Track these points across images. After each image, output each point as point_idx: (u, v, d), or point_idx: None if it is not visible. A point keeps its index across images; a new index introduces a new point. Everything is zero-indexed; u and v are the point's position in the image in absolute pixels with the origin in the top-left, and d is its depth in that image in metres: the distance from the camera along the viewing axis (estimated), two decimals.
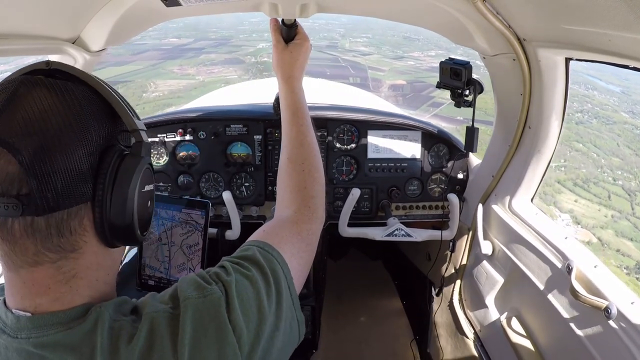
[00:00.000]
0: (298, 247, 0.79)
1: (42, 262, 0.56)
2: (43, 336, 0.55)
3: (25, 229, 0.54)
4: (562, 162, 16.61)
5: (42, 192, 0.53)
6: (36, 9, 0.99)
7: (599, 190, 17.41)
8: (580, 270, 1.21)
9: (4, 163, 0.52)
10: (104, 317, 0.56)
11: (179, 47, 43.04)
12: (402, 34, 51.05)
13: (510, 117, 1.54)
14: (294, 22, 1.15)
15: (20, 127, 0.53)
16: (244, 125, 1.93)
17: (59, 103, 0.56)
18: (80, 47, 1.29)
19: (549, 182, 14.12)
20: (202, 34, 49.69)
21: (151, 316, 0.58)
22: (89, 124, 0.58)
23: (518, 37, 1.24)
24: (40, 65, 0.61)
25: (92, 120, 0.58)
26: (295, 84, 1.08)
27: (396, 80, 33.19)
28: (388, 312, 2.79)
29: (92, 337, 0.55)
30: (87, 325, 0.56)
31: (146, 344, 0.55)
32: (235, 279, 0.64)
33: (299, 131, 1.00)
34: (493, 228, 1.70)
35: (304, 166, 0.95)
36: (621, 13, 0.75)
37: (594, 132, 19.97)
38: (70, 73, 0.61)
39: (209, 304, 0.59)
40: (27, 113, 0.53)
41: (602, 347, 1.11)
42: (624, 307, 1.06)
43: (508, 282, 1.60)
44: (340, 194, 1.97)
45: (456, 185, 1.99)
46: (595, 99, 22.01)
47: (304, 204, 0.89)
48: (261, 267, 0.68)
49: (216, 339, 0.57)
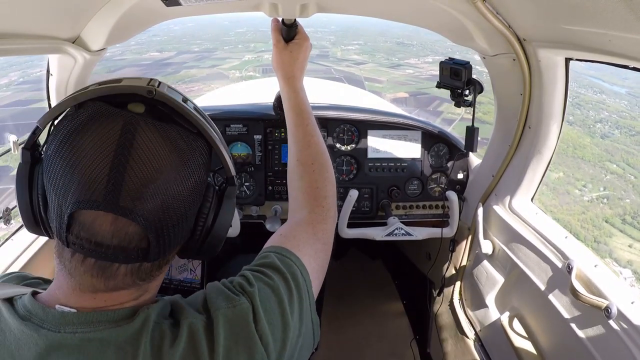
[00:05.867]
0: (315, 248, 0.80)
1: (128, 287, 0.58)
2: (91, 332, 0.54)
3: (131, 271, 0.56)
4: (602, 192, 13.02)
5: (159, 245, 0.55)
6: (36, 8, 0.99)
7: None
8: (581, 270, 1.21)
9: (123, 224, 0.53)
10: (151, 319, 0.57)
11: (159, 61, 40.92)
12: (395, 40, 49.79)
13: (510, 117, 1.54)
14: (294, 22, 1.15)
15: (138, 190, 0.52)
16: (244, 125, 1.92)
17: (171, 154, 0.55)
18: (80, 46, 1.29)
19: (597, 223, 11.21)
20: (185, 47, 47.75)
21: (189, 322, 0.58)
22: (197, 174, 0.59)
23: (518, 37, 1.24)
24: (140, 91, 0.56)
25: (200, 169, 0.60)
26: (297, 84, 1.08)
27: (397, 93, 31.42)
28: (388, 312, 2.79)
29: (138, 337, 0.55)
30: (136, 325, 0.56)
31: (187, 349, 0.56)
32: (258, 288, 0.64)
33: (305, 132, 1.00)
34: (493, 228, 1.70)
35: (314, 166, 0.95)
36: (621, 13, 0.75)
37: (622, 146, 16.88)
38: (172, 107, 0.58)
39: (238, 314, 0.60)
40: (144, 172, 0.53)
41: (602, 347, 1.11)
42: (624, 306, 1.06)
43: (508, 281, 1.60)
44: (340, 193, 1.97)
45: (456, 185, 1.99)
46: (607, 104, 20.30)
47: (317, 203, 0.89)
48: (282, 273, 0.69)
49: (245, 348, 0.58)
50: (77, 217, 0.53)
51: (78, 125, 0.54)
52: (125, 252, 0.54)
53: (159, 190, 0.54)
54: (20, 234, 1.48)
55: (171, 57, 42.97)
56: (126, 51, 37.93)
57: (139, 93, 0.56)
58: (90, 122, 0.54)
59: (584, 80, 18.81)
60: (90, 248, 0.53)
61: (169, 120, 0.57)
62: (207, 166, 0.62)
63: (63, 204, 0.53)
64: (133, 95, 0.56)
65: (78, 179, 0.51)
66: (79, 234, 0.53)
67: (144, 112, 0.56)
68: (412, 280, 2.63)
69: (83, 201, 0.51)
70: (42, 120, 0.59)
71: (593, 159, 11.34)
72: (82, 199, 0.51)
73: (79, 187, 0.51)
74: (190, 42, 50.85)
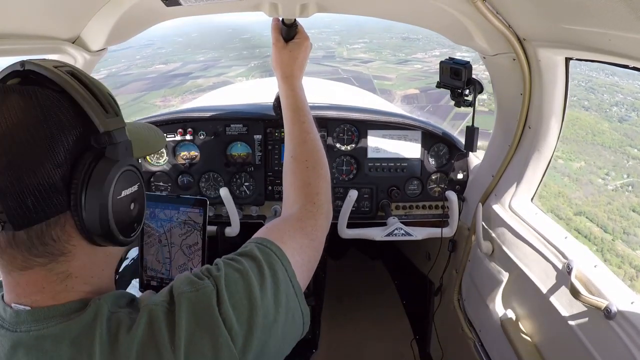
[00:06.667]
0: (301, 243, 0.79)
1: (31, 266, 0.57)
2: (43, 328, 0.55)
3: (9, 242, 0.55)
4: (625, 179, 11.48)
5: (15, 210, 0.53)
6: (36, 8, 0.99)
7: None
8: (580, 270, 1.21)
9: None
10: (103, 309, 0.57)
11: (164, 74, 39.83)
12: (400, 35, 48.95)
13: (510, 117, 1.54)
14: (294, 22, 1.15)
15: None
16: (244, 125, 1.93)
17: (25, 115, 0.54)
18: (80, 46, 1.29)
19: (624, 212, 9.78)
20: (190, 57, 46.99)
21: (149, 308, 0.58)
22: (55, 135, 0.55)
23: (518, 37, 1.24)
24: (15, 67, 0.58)
25: (58, 129, 0.55)
26: (295, 83, 1.08)
27: (407, 89, 30.55)
28: (388, 312, 2.79)
29: (91, 329, 0.55)
30: (87, 317, 0.56)
31: (145, 334, 0.56)
32: (225, 272, 0.64)
33: (300, 129, 1.00)
34: (493, 228, 1.70)
35: (308, 163, 0.95)
36: (621, 13, 0.75)
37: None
38: (42, 74, 0.57)
39: (201, 297, 0.60)
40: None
41: (602, 347, 1.11)
42: (624, 306, 1.06)
43: (508, 281, 1.60)
44: (340, 193, 1.97)
45: (456, 185, 1.99)
46: (621, 86, 19.00)
47: (309, 200, 0.90)
48: (255, 259, 0.68)
49: (209, 331, 0.58)
50: None
51: None
52: None
53: (8, 152, 0.52)
54: None
55: (177, 69, 42.44)
56: (132, 65, 37.65)
57: (14, 69, 0.58)
58: None
59: (594, 64, 18.14)
60: None
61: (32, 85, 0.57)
62: (71, 126, 0.57)
63: None
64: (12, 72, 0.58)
65: None
66: None
67: (17, 83, 0.57)
68: (412, 281, 2.63)
69: None
70: None
71: (613, 145, 10.94)
72: None
73: None
74: (195, 52, 50.35)
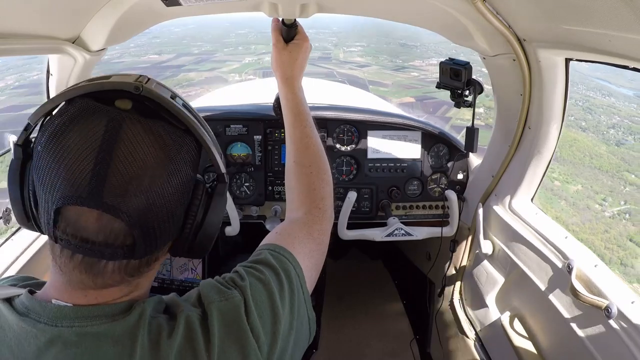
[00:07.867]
0: (309, 248, 0.81)
1: (117, 284, 0.58)
2: (87, 326, 0.55)
3: (118, 268, 0.56)
4: (622, 206, 11.25)
5: (145, 242, 0.55)
6: (36, 8, 0.99)
7: None
8: (581, 270, 1.21)
9: (108, 221, 0.53)
10: (147, 313, 0.58)
11: (157, 64, 38.86)
12: (398, 41, 48.08)
13: (510, 117, 1.54)
14: (294, 22, 1.15)
15: (122, 187, 0.52)
16: (244, 125, 1.92)
17: (157, 150, 0.55)
18: (80, 46, 1.29)
19: (621, 242, 9.63)
20: (185, 49, 45.87)
21: (186, 315, 0.59)
22: (185, 172, 0.58)
23: (518, 38, 1.24)
24: (127, 87, 0.56)
25: (187, 167, 0.59)
26: (295, 85, 1.07)
27: (403, 97, 29.82)
28: (388, 312, 2.79)
29: (135, 331, 0.55)
30: (132, 319, 0.56)
31: (184, 341, 0.57)
32: (249, 282, 0.65)
33: (303, 133, 1.00)
34: (493, 228, 1.70)
35: (312, 168, 0.96)
36: (621, 13, 0.75)
37: (637, 154, 15.30)
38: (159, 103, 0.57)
39: (230, 307, 0.61)
40: (128, 168, 0.53)
41: (603, 347, 1.11)
42: (624, 306, 1.06)
43: (508, 281, 1.60)
44: (340, 194, 1.97)
45: (456, 186, 1.99)
46: (618, 108, 19.30)
47: (314, 205, 0.91)
48: (274, 268, 0.70)
49: (238, 340, 0.59)
50: (63, 212, 0.53)
51: (65, 121, 0.54)
52: (110, 248, 0.54)
53: (143, 187, 0.53)
54: (20, 233, 1.48)
55: (170, 60, 41.71)
56: (125, 54, 36.89)
57: (126, 89, 0.56)
58: (77, 119, 0.54)
59: (591, 83, 18.05)
60: (77, 244, 0.53)
61: (155, 117, 0.57)
62: (195, 163, 0.61)
63: (50, 200, 0.53)
64: (121, 91, 0.56)
65: (63, 175, 0.52)
66: (65, 230, 0.53)
67: (130, 108, 0.55)
68: (412, 280, 2.63)
69: (68, 197, 0.52)
70: (33, 116, 0.59)
71: (611, 169, 10.87)
72: (67, 194, 0.52)
73: (64, 182, 0.52)
74: (191, 44, 49.51)
